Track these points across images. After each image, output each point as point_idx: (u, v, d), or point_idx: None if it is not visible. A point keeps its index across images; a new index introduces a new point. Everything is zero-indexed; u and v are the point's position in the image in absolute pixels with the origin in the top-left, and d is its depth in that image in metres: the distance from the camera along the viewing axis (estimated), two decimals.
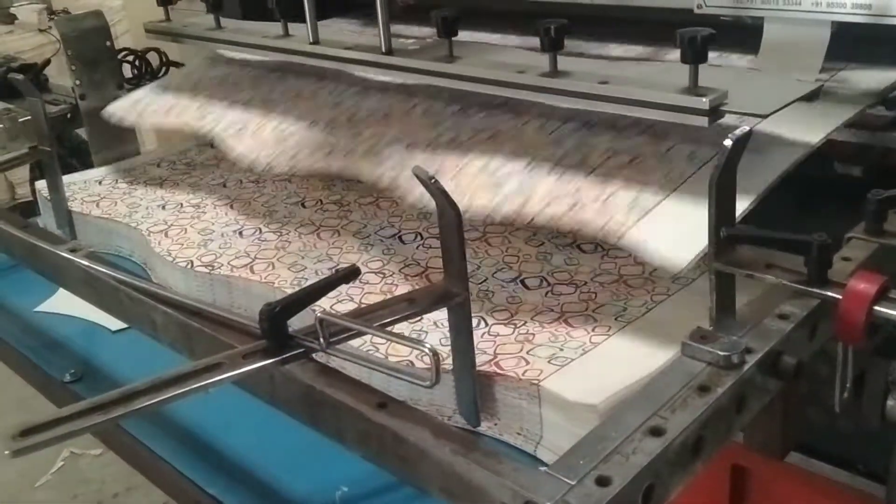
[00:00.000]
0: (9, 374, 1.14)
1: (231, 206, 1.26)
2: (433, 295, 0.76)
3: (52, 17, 3.28)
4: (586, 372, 0.79)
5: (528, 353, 0.84)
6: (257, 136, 1.18)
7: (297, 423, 0.74)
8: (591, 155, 0.94)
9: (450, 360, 0.80)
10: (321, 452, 0.77)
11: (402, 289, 0.99)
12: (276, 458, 0.85)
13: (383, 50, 1.12)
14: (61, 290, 1.11)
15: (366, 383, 0.69)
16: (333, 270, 1.04)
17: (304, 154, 1.11)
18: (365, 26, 1.57)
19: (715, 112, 0.82)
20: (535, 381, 0.77)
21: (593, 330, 0.87)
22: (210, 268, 1.08)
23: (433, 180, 0.73)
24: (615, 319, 0.89)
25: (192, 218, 1.23)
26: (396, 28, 1.43)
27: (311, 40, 1.20)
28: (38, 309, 1.17)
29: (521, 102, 1.06)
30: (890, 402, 0.90)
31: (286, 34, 1.26)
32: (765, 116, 0.82)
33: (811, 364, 0.75)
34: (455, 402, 0.82)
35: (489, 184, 0.93)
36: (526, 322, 0.90)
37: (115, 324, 1.06)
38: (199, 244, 1.15)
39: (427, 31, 1.49)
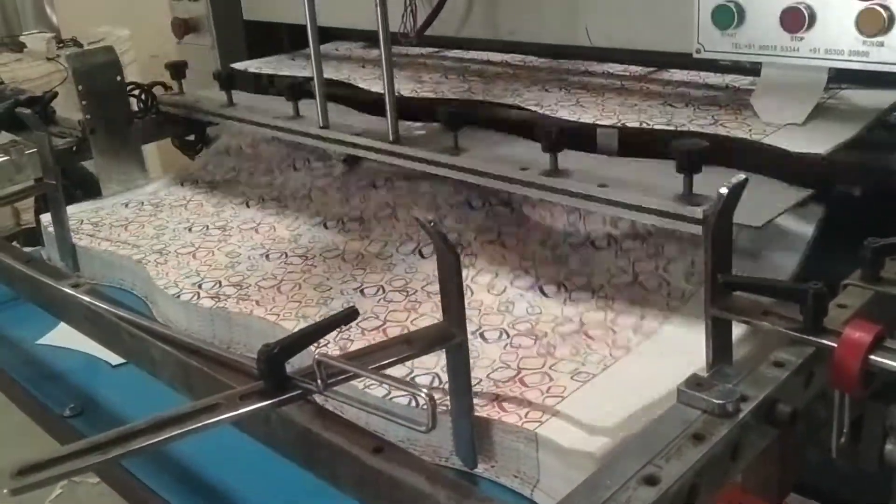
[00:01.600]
0: (9, 404, 1.15)
1: (256, 231, 1.29)
2: (431, 336, 0.77)
3: (61, 45, 3.32)
4: (585, 415, 0.78)
5: (550, 367, 0.86)
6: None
7: (294, 464, 0.74)
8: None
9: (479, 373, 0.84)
10: (317, 494, 0.76)
11: (426, 306, 1.02)
12: (272, 498, 0.85)
13: (391, 138, 1.16)
14: (63, 323, 1.11)
15: (362, 427, 0.69)
16: (359, 291, 1.08)
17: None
18: (366, 48, 1.59)
19: (707, 220, 0.83)
20: (536, 422, 0.78)
21: (613, 343, 0.89)
22: (218, 298, 1.09)
23: (432, 223, 0.73)
24: (633, 333, 0.91)
25: (219, 241, 1.26)
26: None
27: (321, 125, 1.24)
28: (40, 342, 1.18)
29: (520, 202, 1.14)
30: (888, 447, 0.90)
31: (297, 115, 1.30)
32: (759, 227, 0.84)
33: (810, 405, 0.75)
34: (453, 444, 0.82)
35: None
36: (547, 333, 0.93)
37: (115, 358, 1.06)
38: (226, 266, 1.18)
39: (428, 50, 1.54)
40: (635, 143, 1.14)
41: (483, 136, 1.20)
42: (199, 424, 0.68)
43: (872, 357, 0.66)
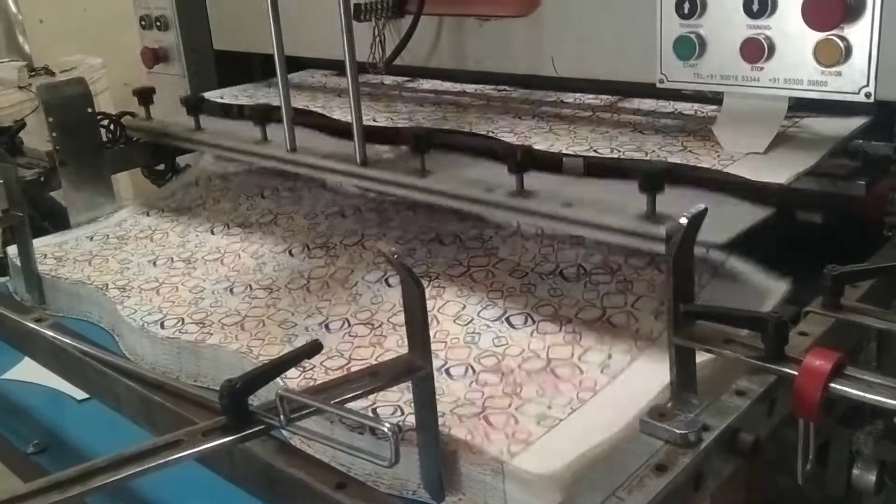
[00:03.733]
0: None
1: (221, 262, 1.27)
2: (397, 368, 0.76)
3: (33, 74, 3.30)
4: (551, 447, 0.78)
5: (516, 409, 0.85)
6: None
7: (258, 500, 0.73)
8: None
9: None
10: None
11: (391, 340, 1.00)
12: None
13: (358, 161, 1.17)
14: (28, 358, 1.10)
15: (326, 462, 0.69)
16: (324, 326, 1.06)
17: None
18: (341, 76, 1.60)
19: (671, 239, 0.84)
20: (500, 460, 0.77)
21: (580, 384, 0.88)
22: (200, 325, 1.08)
23: (396, 255, 0.74)
24: (601, 372, 0.90)
25: (183, 275, 1.24)
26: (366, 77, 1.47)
27: (289, 148, 1.24)
28: (4, 376, 1.16)
29: (492, 236, 1.13)
30: (855, 471, 0.91)
31: (264, 139, 1.30)
32: (720, 244, 0.85)
33: (779, 430, 0.76)
34: (420, 477, 0.81)
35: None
36: (514, 370, 0.92)
37: (80, 393, 1.05)
38: (189, 302, 1.16)
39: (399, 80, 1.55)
40: (601, 168, 1.16)
41: (450, 159, 1.21)
42: (162, 461, 0.67)
43: (833, 385, 0.67)
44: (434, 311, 1.04)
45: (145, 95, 1.53)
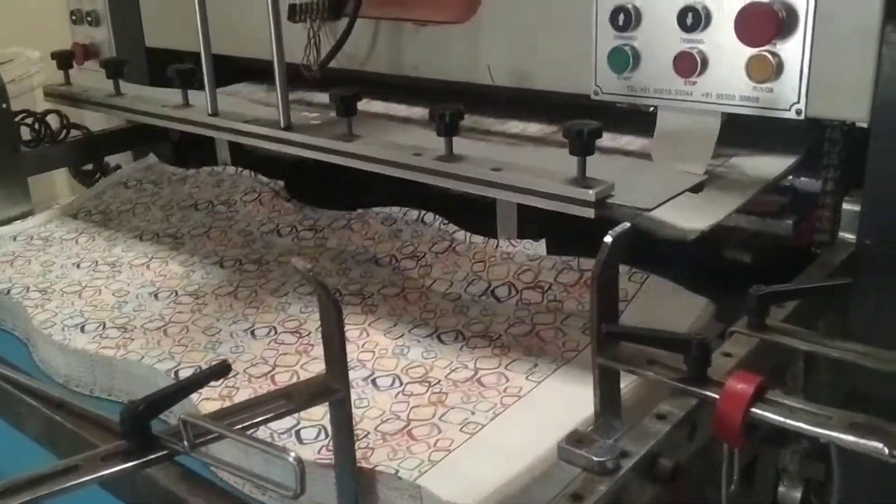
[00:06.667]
0: None
1: (147, 267, 1.23)
2: (312, 390, 0.73)
3: None
4: (469, 466, 0.76)
5: (440, 418, 0.83)
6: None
7: None
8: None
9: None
10: None
11: (318, 349, 0.94)
12: None
13: (282, 125, 1.12)
14: None
15: (232, 490, 0.65)
16: (249, 332, 1.03)
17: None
18: (273, 92, 1.56)
19: (601, 204, 0.82)
20: (419, 475, 0.75)
21: (505, 391, 0.87)
22: (100, 342, 1.03)
23: (311, 272, 0.71)
24: (526, 378, 0.89)
25: (108, 278, 1.20)
26: (302, 95, 1.44)
27: (210, 112, 1.18)
28: None
29: (425, 253, 1.14)
30: (781, 489, 0.91)
31: (186, 104, 1.24)
32: (649, 210, 0.83)
33: (707, 444, 0.74)
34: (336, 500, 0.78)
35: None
36: (440, 381, 0.90)
37: None
38: (112, 306, 1.12)
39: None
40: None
41: (378, 124, 1.18)
42: (56, 488, 0.63)
43: (754, 410, 0.66)
44: (365, 325, 1.02)
45: (64, 59, 1.46)
